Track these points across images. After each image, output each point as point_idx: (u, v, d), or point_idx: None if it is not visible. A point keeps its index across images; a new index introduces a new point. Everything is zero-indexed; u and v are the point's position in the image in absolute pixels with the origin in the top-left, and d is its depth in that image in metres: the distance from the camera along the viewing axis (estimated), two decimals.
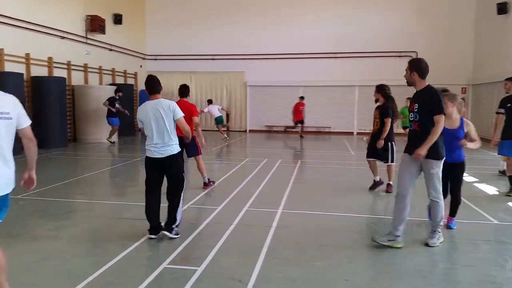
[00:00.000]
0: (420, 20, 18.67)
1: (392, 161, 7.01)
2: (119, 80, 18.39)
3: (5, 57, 11.84)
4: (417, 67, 4.40)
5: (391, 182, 7.11)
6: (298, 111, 17.38)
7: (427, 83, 4.43)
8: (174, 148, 4.69)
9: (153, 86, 4.70)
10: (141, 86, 20.36)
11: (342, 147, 14.50)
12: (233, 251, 4.30)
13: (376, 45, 18.83)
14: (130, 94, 17.95)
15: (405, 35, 18.71)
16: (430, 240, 4.57)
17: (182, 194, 4.85)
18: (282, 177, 8.45)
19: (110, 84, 16.85)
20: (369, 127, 19.60)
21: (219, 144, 15.03)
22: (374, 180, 7.33)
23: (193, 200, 6.50)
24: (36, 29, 13.16)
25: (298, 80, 19.68)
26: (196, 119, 6.93)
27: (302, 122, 17.50)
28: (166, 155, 4.63)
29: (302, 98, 17.64)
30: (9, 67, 11.90)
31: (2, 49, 11.72)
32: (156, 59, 21.13)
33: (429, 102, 4.31)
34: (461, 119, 4.91)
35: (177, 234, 4.69)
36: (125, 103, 16.74)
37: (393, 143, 7.04)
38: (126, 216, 5.69)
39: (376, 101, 7.18)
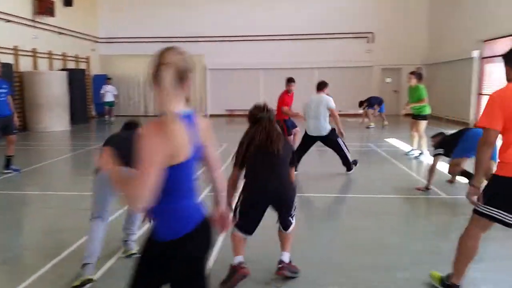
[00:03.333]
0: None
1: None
2: (70, 65, 17.57)
3: None
4: None
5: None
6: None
7: None
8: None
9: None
10: (94, 70, 19.57)
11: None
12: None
13: (333, 26, 18.98)
14: (81, 80, 17.27)
15: (361, 16, 19.03)
16: None
17: None
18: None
19: (61, 70, 16.09)
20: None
21: None
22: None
23: None
24: None
25: (259, 63, 19.57)
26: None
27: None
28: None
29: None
30: None
31: None
32: (110, 42, 20.29)
33: None
34: None
35: None
36: (76, 89, 16.13)
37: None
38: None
39: None
